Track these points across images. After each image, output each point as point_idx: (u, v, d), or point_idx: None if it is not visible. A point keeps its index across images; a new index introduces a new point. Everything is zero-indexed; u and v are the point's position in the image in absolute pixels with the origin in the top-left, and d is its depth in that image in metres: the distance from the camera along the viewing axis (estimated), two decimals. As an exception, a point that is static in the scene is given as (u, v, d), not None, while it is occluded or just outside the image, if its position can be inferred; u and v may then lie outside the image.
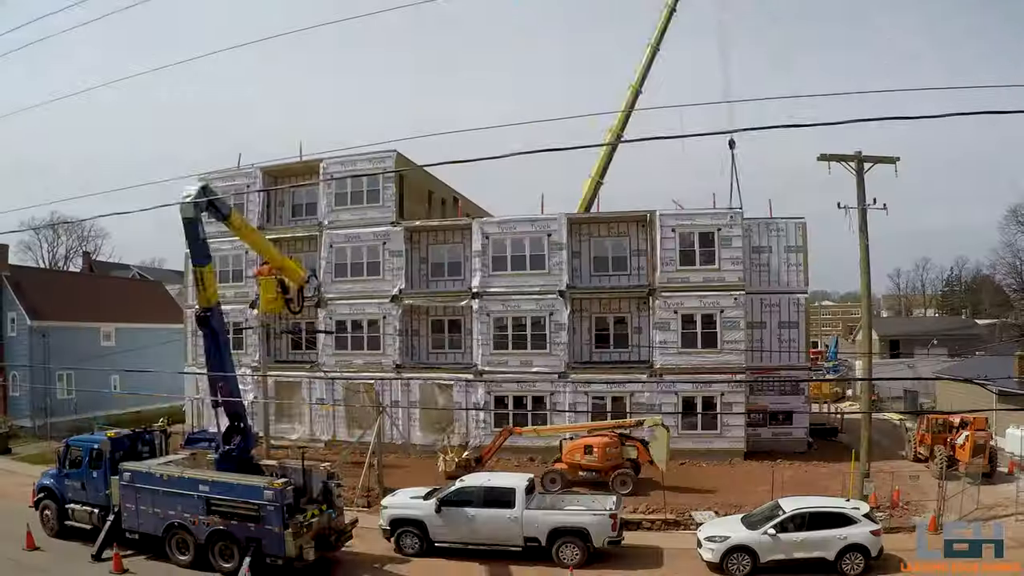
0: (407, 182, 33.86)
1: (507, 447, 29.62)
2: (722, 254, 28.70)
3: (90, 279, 49.93)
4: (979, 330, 71.33)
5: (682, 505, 21.47)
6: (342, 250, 33.15)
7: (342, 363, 32.59)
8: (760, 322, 30.66)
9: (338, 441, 30.93)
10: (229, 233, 34.22)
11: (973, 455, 24.14)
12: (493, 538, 17.68)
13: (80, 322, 38.72)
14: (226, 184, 35.01)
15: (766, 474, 22.41)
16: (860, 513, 16.71)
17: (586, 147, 29.01)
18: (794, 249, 30.85)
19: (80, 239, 75.84)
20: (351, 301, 32.81)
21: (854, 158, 21.17)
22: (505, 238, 30.78)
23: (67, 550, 18.27)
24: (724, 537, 16.73)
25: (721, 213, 29.19)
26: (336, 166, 32.95)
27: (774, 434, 30.30)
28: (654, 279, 29.31)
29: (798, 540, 16.31)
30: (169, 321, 42.44)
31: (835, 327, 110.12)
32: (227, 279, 35.15)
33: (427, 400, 31.41)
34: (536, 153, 30.35)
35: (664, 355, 28.80)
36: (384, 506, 18.98)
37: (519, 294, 30.39)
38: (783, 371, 30.54)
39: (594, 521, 17.28)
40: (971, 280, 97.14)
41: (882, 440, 30.91)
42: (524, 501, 17.67)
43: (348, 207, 33.17)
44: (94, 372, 33.40)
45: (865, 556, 16.06)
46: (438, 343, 33.49)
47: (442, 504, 17.98)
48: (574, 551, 17.15)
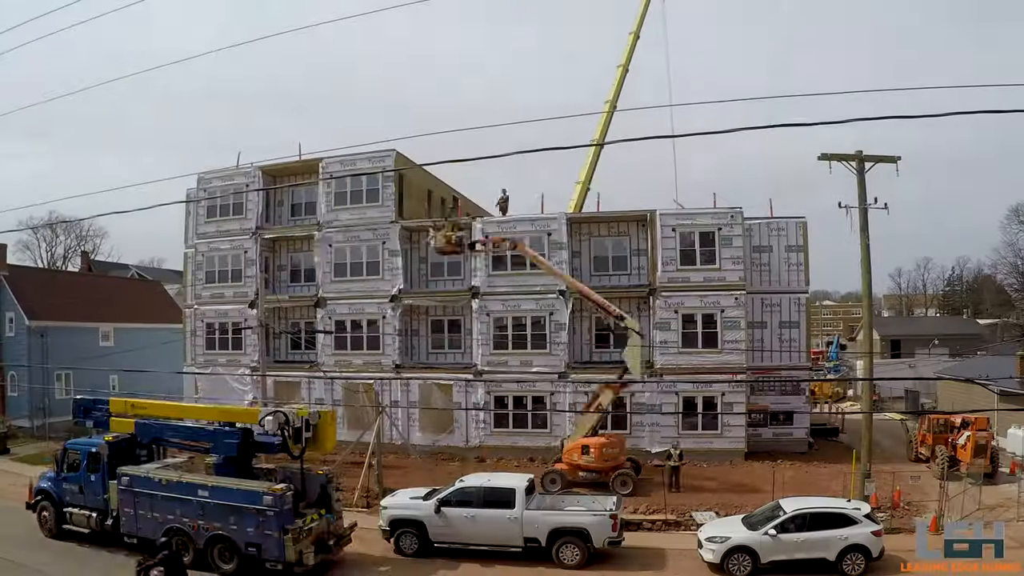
0: (407, 181, 33.85)
1: (507, 447, 29.69)
2: (723, 254, 28.68)
3: (89, 279, 49.92)
4: (980, 330, 71.43)
5: (682, 505, 21.46)
6: (341, 250, 33.14)
7: (341, 363, 32.59)
8: (761, 322, 30.65)
9: (337, 441, 30.85)
10: (229, 232, 34.80)
11: (974, 455, 24.12)
12: (493, 539, 17.67)
13: (78, 322, 38.70)
14: (225, 184, 35.12)
15: (767, 474, 22.41)
16: (861, 514, 16.69)
17: (577, 147, 29.03)
18: (795, 248, 30.84)
19: (79, 238, 76.01)
20: (350, 301, 32.80)
21: (855, 157, 21.14)
22: (505, 238, 30.73)
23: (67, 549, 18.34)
24: (725, 538, 16.72)
25: (722, 213, 29.17)
26: (335, 165, 32.93)
27: (775, 434, 30.30)
28: (654, 279, 29.30)
29: (799, 541, 16.30)
30: (168, 321, 42.42)
31: (836, 327, 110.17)
32: (226, 279, 35.23)
33: (426, 400, 31.41)
34: (536, 152, 30.43)
35: (664, 355, 28.79)
36: (383, 507, 18.97)
37: (519, 294, 30.39)
38: (784, 371, 30.53)
39: (594, 521, 17.27)
40: (972, 280, 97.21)
41: (883, 440, 30.92)
42: (524, 501, 17.66)
43: (347, 206, 33.16)
44: (93, 372, 33.35)
45: (866, 557, 16.04)
46: (438, 343, 33.48)
47: (442, 504, 17.96)
48: (574, 552, 17.13)
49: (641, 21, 33.74)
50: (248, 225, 34.75)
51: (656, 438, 28.59)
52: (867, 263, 21.43)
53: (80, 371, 34.65)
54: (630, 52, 33.71)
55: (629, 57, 33.68)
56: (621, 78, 33.34)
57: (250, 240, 34.63)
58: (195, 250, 36.19)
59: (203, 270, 35.81)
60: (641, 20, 33.78)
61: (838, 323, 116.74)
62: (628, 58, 33.66)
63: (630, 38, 33.76)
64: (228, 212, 35.29)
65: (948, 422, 26.97)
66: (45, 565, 17.09)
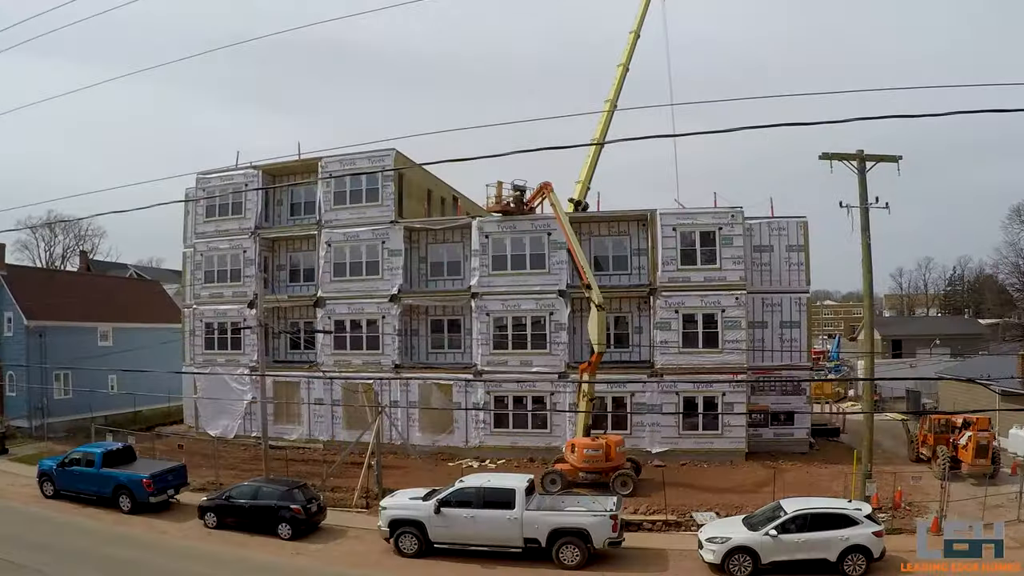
0: (406, 181, 33.86)
1: (506, 447, 29.73)
2: (723, 253, 28.69)
3: (87, 278, 49.84)
4: (982, 330, 71.38)
5: (683, 506, 21.47)
6: (341, 249, 33.15)
7: (341, 363, 32.60)
8: (761, 322, 30.65)
9: (337, 442, 30.94)
10: (228, 232, 34.79)
11: (976, 456, 24.14)
12: (493, 539, 17.70)
13: (77, 322, 38.64)
14: (224, 183, 35.12)
15: (767, 475, 22.41)
16: (862, 514, 16.72)
17: (576, 146, 28.98)
18: (796, 248, 30.83)
19: (77, 238, 75.97)
20: (350, 300, 32.81)
21: (856, 157, 21.11)
22: (505, 237, 30.78)
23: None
24: (725, 538, 16.74)
25: (722, 212, 29.17)
26: (335, 164, 32.93)
27: (776, 434, 30.30)
28: (655, 278, 29.31)
29: (800, 541, 16.32)
30: (167, 321, 42.42)
31: (837, 327, 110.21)
32: (225, 279, 35.24)
33: (426, 400, 31.42)
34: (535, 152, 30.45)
35: (665, 355, 28.79)
36: (383, 507, 18.99)
37: (519, 293, 30.40)
38: (784, 371, 30.53)
39: (594, 522, 17.29)
40: (974, 280, 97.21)
41: (884, 441, 30.93)
42: (524, 502, 17.69)
43: (347, 206, 33.16)
44: (91, 372, 33.35)
45: (867, 557, 16.07)
46: (437, 343, 33.49)
47: (441, 505, 17.99)
48: (574, 552, 17.16)
49: (641, 20, 33.66)
50: (247, 225, 34.75)
51: (656, 438, 28.63)
52: (868, 263, 21.42)
53: (79, 371, 34.65)
54: (630, 51, 33.62)
55: (629, 56, 33.60)
56: (621, 77, 33.28)
57: (249, 240, 34.63)
58: (194, 250, 36.20)
59: (202, 270, 35.82)
60: (641, 19, 33.70)
61: (839, 323, 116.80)
62: (628, 57, 33.58)
63: (630, 37, 33.68)
64: (227, 212, 35.30)
65: (949, 422, 26.97)
66: (45, 565, 17.10)
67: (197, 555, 18.32)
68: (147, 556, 18.11)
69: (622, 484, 23.52)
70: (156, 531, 20.52)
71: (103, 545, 18.89)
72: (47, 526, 20.65)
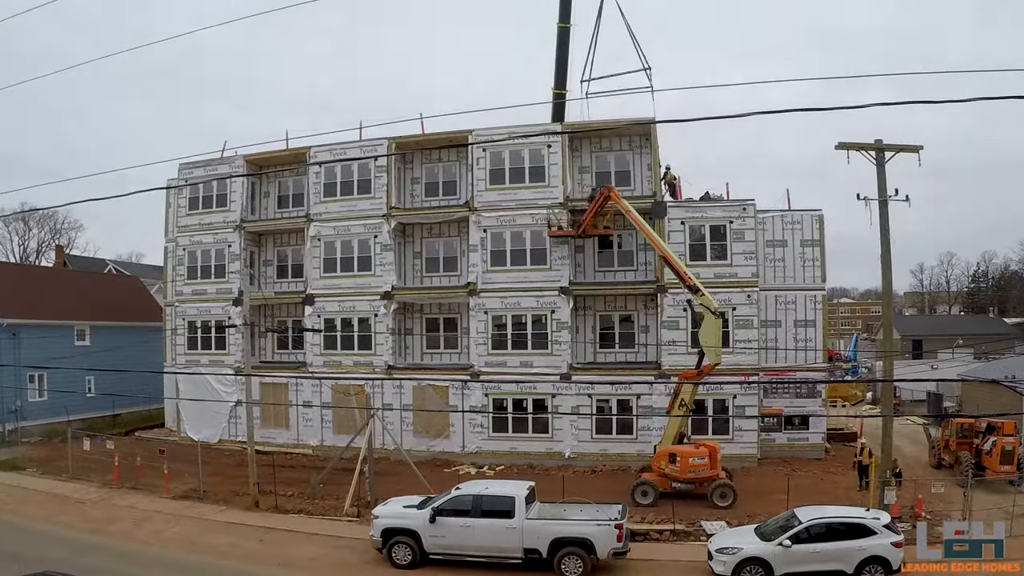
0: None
1: (505, 453, 29.72)
2: (734, 248, 28.66)
3: (64, 274, 49.80)
4: (1007, 329, 71.36)
5: (692, 515, 21.45)
6: (331, 243, 33.09)
7: (331, 364, 32.56)
8: (775, 320, 30.60)
9: (327, 446, 30.93)
10: (212, 226, 34.72)
11: (1001, 462, 24.12)
12: (491, 549, 17.66)
13: (52, 320, 38.61)
14: (208, 173, 35.03)
15: (781, 482, 22.38)
16: (881, 523, 16.66)
17: (576, 132, 28.97)
18: (811, 243, 30.77)
19: (53, 232, 75.89)
20: (340, 298, 32.76)
21: (874, 147, 21.00)
22: (504, 231, 30.73)
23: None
24: (736, 549, 16.71)
25: (733, 205, 29.13)
26: (324, 154, 32.87)
27: (789, 439, 30.29)
28: (662, 275, 29.25)
29: (814, 552, 16.28)
30: (148, 319, 42.36)
31: (855, 326, 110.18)
32: (209, 274, 35.20)
33: (421, 403, 31.39)
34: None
35: (673, 355, 28.75)
36: (375, 516, 18.92)
37: (519, 290, 30.35)
38: (799, 372, 30.50)
39: (598, 531, 17.25)
40: (998, 276, 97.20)
41: (904, 446, 30.91)
42: (524, 510, 17.66)
43: (337, 198, 33.10)
44: (68, 373, 33.31)
45: (886, 569, 16.02)
46: (433, 342, 33.46)
47: (437, 513, 17.94)
48: (577, 563, 17.11)
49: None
50: (232, 217, 34.69)
51: (664, 443, 28.59)
52: (887, 258, 21.35)
53: (54, 372, 34.59)
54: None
55: None
56: None
57: (234, 233, 34.57)
58: (176, 244, 36.16)
59: (184, 265, 35.78)
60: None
61: (856, 322, 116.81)
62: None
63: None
64: (211, 204, 35.23)
65: (973, 426, 26.95)
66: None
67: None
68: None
69: (721, 495, 22.83)
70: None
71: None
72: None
